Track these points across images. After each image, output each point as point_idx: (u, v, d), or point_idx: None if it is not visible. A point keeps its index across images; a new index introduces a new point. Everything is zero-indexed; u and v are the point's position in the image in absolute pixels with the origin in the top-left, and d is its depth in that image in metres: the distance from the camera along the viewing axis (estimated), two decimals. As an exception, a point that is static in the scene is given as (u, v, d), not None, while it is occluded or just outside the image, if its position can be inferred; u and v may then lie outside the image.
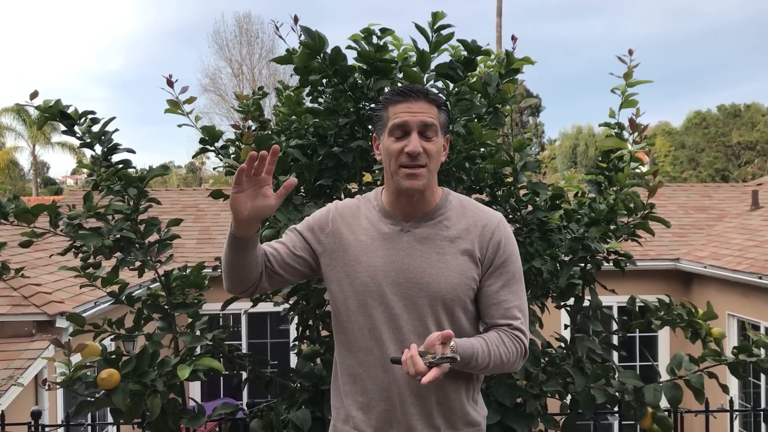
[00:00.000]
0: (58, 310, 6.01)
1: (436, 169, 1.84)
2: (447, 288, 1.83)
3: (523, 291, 1.90)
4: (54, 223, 2.48)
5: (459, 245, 1.85)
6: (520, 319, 1.86)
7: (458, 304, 1.85)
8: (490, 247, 1.85)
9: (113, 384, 2.50)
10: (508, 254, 1.87)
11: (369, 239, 1.89)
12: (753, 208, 11.02)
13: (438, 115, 1.82)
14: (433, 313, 1.84)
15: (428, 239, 1.86)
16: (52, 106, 2.72)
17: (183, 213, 11.09)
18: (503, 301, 1.86)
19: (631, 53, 3.14)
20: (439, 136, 1.82)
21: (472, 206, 1.92)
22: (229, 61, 34.37)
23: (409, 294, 1.84)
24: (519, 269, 1.90)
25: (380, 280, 1.86)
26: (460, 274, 1.84)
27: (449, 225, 1.87)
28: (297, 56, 2.60)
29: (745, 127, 39.71)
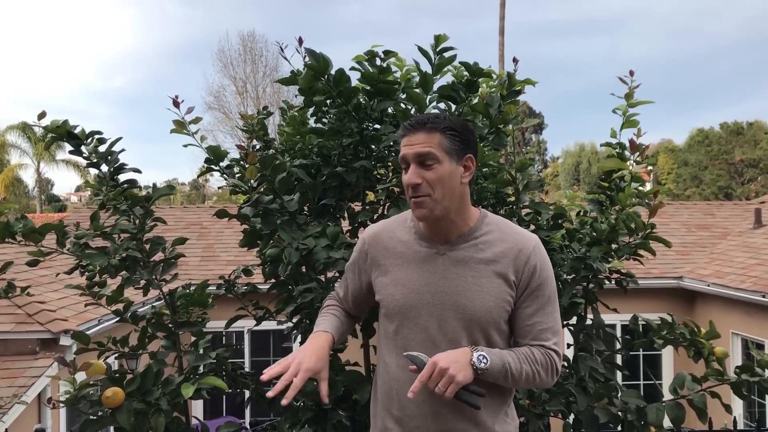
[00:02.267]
0: (62, 328, 6.02)
1: (451, 192, 1.86)
2: (482, 311, 1.87)
3: (556, 312, 1.95)
4: (61, 242, 2.50)
5: (494, 268, 1.89)
6: (552, 340, 1.91)
7: (493, 326, 1.90)
8: (525, 271, 1.89)
9: (118, 402, 2.51)
10: (544, 278, 1.91)
11: (405, 262, 1.97)
12: (756, 227, 11.02)
13: (440, 141, 1.84)
14: (468, 335, 1.89)
15: (463, 262, 1.91)
16: (60, 126, 2.75)
17: (187, 231, 11.13)
18: (536, 323, 1.91)
19: (632, 74, 3.17)
20: (444, 161, 1.85)
21: (508, 229, 1.95)
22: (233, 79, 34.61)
23: (444, 316, 1.90)
24: (553, 292, 1.94)
25: (416, 302, 1.93)
26: (495, 297, 1.88)
27: (484, 248, 1.91)
28: (301, 78, 2.63)
29: (748, 145, 39.75)
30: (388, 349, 2.02)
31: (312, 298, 2.80)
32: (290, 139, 3.06)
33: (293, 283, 3.03)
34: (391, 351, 2.00)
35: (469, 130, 1.92)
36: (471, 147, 1.91)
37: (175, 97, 2.95)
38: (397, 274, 1.97)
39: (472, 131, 1.93)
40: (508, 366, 1.83)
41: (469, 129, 1.92)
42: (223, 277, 3.37)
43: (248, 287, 3.38)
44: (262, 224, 2.56)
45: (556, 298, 1.95)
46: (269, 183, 2.52)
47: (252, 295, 3.38)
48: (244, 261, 10.22)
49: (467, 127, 1.92)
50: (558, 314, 1.96)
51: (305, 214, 2.83)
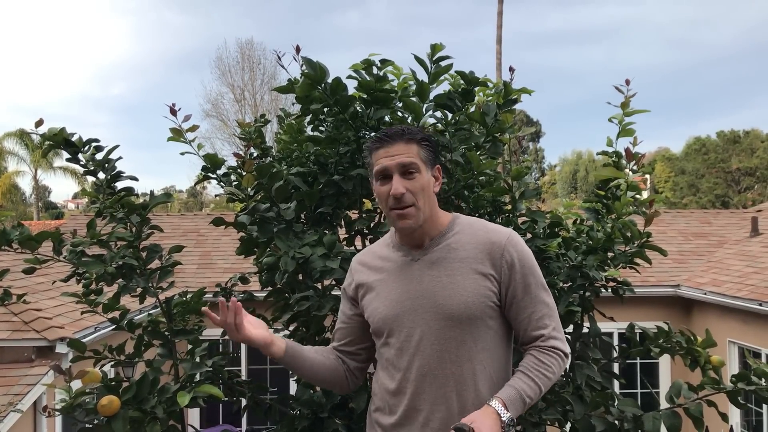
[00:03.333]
0: (58, 336, 6.01)
1: (429, 201, 1.91)
2: (461, 307, 1.86)
3: (548, 297, 1.93)
4: (57, 250, 2.50)
5: (469, 264, 1.89)
6: (550, 326, 1.90)
7: (477, 323, 1.88)
8: (503, 263, 1.88)
9: (113, 411, 2.50)
10: (524, 267, 1.90)
11: (387, 276, 1.99)
12: (753, 235, 11.04)
13: (418, 151, 1.90)
14: (454, 335, 1.88)
15: (437, 263, 1.92)
16: (57, 134, 2.75)
17: (184, 238, 11.11)
18: (531, 313, 1.89)
19: (628, 83, 3.18)
20: (423, 171, 1.90)
21: (479, 225, 1.96)
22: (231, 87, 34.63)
23: (426, 319, 1.90)
24: (538, 277, 1.93)
25: (398, 311, 1.94)
26: (473, 292, 1.87)
27: (457, 246, 1.92)
28: (298, 86, 2.64)
29: (745, 153, 39.84)
30: (379, 364, 2.03)
31: (308, 306, 2.80)
32: (287, 147, 3.06)
33: (290, 291, 3.03)
34: (381, 364, 2.01)
35: (434, 143, 1.98)
36: (439, 157, 1.99)
37: (172, 105, 2.96)
38: (380, 289, 2.00)
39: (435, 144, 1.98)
40: (527, 398, 1.82)
41: (434, 141, 1.98)
42: (220, 284, 3.37)
43: (245, 295, 3.37)
44: (258, 232, 2.56)
45: (543, 284, 1.94)
46: (266, 191, 2.53)
47: (249, 302, 3.38)
48: (241, 269, 10.22)
49: (433, 140, 1.98)
50: (551, 300, 1.94)
51: (302, 223, 2.84)
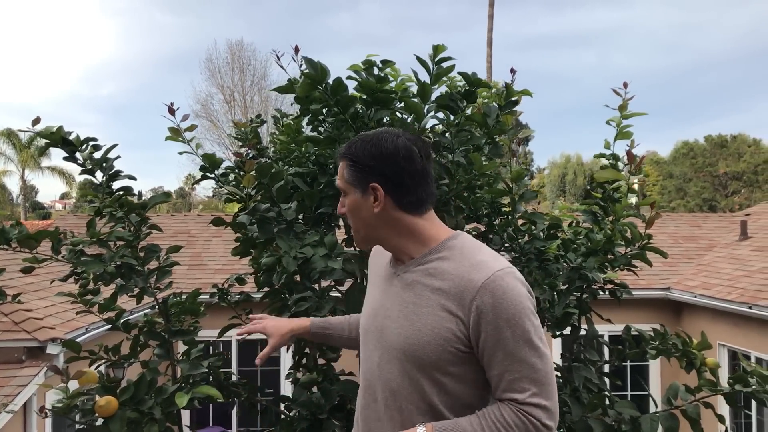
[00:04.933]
0: (49, 336, 5.97)
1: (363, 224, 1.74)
2: (417, 345, 1.63)
3: (534, 356, 1.56)
4: (56, 249, 2.48)
5: (439, 299, 1.63)
6: (530, 390, 1.55)
7: (433, 367, 1.63)
8: (472, 311, 1.57)
9: (111, 412, 2.49)
10: (499, 318, 1.55)
11: (376, 281, 1.87)
12: (742, 238, 11.12)
13: (344, 171, 1.73)
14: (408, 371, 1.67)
15: (410, 286, 1.70)
16: (54, 132, 2.73)
17: (174, 239, 11.06)
18: (505, 372, 1.57)
19: (626, 86, 3.20)
20: (349, 192, 1.73)
21: (469, 255, 1.66)
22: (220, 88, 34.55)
23: (387, 344, 1.72)
24: (524, 331, 1.56)
25: (369, 324, 1.81)
26: (433, 331, 1.61)
27: (435, 274, 1.66)
28: (299, 86, 2.63)
29: (732, 158, 40.14)
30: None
31: (307, 308, 2.79)
32: (286, 147, 3.06)
33: (287, 292, 3.02)
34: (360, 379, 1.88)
35: (377, 156, 1.69)
36: (374, 174, 1.68)
37: (171, 104, 2.94)
38: (369, 291, 1.90)
39: (384, 154, 1.68)
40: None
41: (377, 154, 1.69)
42: (216, 285, 3.36)
43: (242, 296, 3.36)
44: (258, 232, 2.55)
45: (533, 339, 1.57)
46: (267, 191, 2.52)
47: (245, 303, 3.37)
48: (232, 269, 10.19)
49: (374, 153, 1.69)
50: (543, 358, 1.57)
51: (301, 223, 2.83)
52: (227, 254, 11.13)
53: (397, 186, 1.68)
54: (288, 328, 2.13)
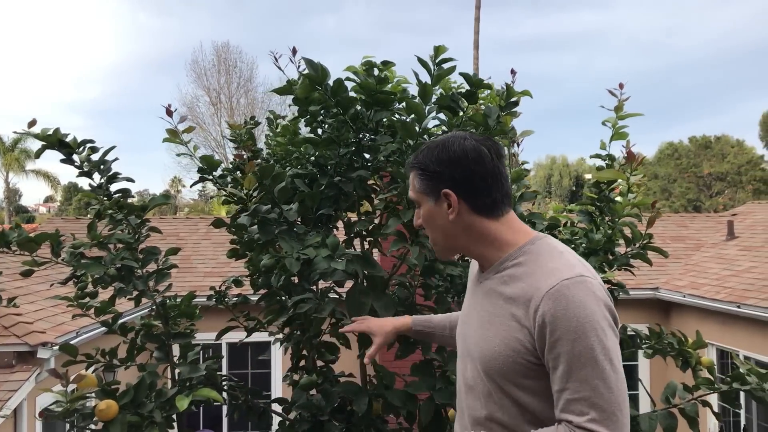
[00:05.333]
0: (39, 341, 5.91)
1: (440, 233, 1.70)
2: (489, 355, 1.60)
3: (602, 378, 1.45)
4: (56, 252, 2.46)
5: (511, 308, 1.58)
6: (588, 416, 1.44)
7: (505, 377, 1.58)
8: (536, 321, 1.50)
9: (112, 415, 2.47)
10: (562, 331, 1.47)
11: (469, 285, 1.86)
12: (729, 238, 11.21)
13: (415, 182, 1.70)
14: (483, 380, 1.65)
15: (488, 295, 1.67)
16: (51, 135, 2.71)
17: (163, 242, 11.00)
18: (563, 390, 1.48)
19: (622, 87, 3.22)
20: (423, 202, 1.70)
21: (543, 262, 1.59)
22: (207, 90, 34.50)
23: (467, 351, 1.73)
24: (587, 348, 1.45)
25: (458, 329, 1.83)
26: (503, 341, 1.57)
27: (508, 281, 1.62)
28: (299, 87, 2.63)
29: (716, 159, 40.52)
30: None
31: (307, 309, 2.78)
32: (284, 149, 3.05)
33: (285, 293, 3.01)
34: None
35: (445, 161, 1.64)
36: (445, 181, 1.64)
37: (168, 105, 2.93)
38: (465, 299, 1.87)
39: (453, 159, 1.64)
40: None
41: (445, 159, 1.65)
42: (213, 288, 3.34)
43: (239, 298, 3.35)
44: (260, 234, 2.54)
45: (598, 358, 1.45)
46: (268, 192, 2.51)
47: (242, 306, 3.36)
48: (222, 272, 10.16)
49: (442, 159, 1.65)
50: (610, 380, 1.45)
51: (300, 224, 2.82)
52: (217, 257, 11.12)
53: (469, 190, 1.63)
54: (392, 326, 2.18)
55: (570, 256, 1.61)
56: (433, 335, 2.21)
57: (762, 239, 10.57)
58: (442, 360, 2.75)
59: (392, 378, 2.78)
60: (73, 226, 9.91)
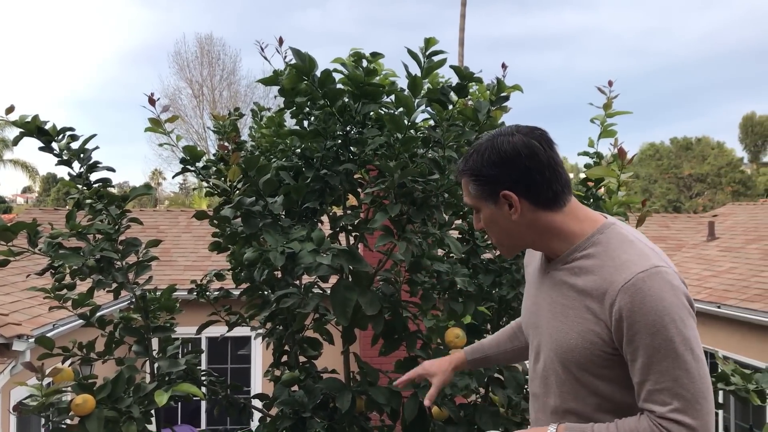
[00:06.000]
0: (15, 333, 5.80)
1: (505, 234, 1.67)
2: (566, 347, 1.60)
3: (684, 368, 1.45)
4: (33, 241, 2.39)
5: (585, 301, 1.57)
6: (671, 405, 1.45)
7: (584, 369, 1.58)
8: (613, 314, 1.50)
9: (88, 410, 2.41)
10: (640, 324, 1.46)
11: (531, 278, 1.84)
12: (710, 239, 11.29)
13: (469, 189, 1.66)
14: (561, 373, 1.65)
15: (558, 285, 1.66)
16: (30, 122, 2.64)
17: (143, 234, 10.83)
18: (646, 381, 1.48)
19: (611, 84, 3.20)
20: (482, 207, 1.66)
21: (614, 254, 1.57)
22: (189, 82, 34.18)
23: (541, 343, 1.72)
24: (666, 340, 1.45)
25: (526, 320, 1.82)
26: (579, 334, 1.57)
27: (579, 273, 1.60)
28: (285, 77, 2.57)
29: (696, 160, 40.87)
30: None
31: (291, 304, 2.73)
32: (270, 140, 2.99)
33: (268, 288, 2.96)
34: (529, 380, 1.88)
35: (498, 162, 1.60)
36: (502, 182, 1.60)
37: (151, 94, 2.86)
38: (526, 290, 1.87)
39: (505, 159, 1.59)
40: None
41: (497, 161, 1.60)
42: (195, 281, 3.28)
43: (221, 292, 3.29)
44: (243, 226, 2.49)
45: (678, 349, 1.46)
46: (252, 184, 2.45)
47: (223, 300, 3.30)
48: (202, 266, 10.06)
49: (494, 161, 1.61)
50: (692, 370, 1.46)
51: (286, 218, 2.77)
52: (197, 250, 11.02)
53: (528, 187, 1.59)
54: (450, 364, 2.11)
55: (641, 245, 1.58)
56: (488, 359, 2.17)
57: (742, 240, 10.66)
58: (427, 357, 2.72)
59: (376, 375, 2.74)
60: (51, 217, 9.76)
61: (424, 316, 2.91)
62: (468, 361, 2.14)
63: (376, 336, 2.72)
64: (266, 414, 3.03)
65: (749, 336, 8.30)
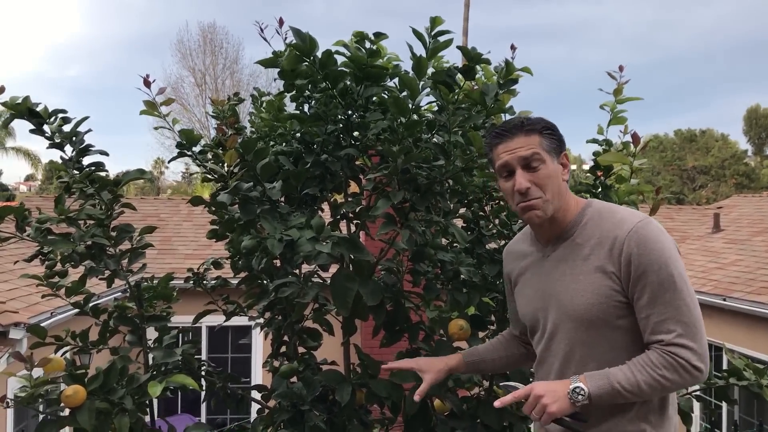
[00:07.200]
0: (11, 321, 5.74)
1: (557, 190, 1.83)
2: (583, 308, 1.78)
3: (682, 299, 1.70)
4: (21, 227, 2.30)
5: (592, 262, 1.79)
6: (675, 331, 1.68)
7: (603, 324, 1.78)
8: (622, 260, 1.73)
9: (79, 402, 2.33)
10: (646, 264, 1.70)
11: (525, 272, 2.00)
12: (715, 231, 11.19)
13: (540, 141, 1.82)
14: (580, 337, 1.81)
15: (563, 260, 1.86)
16: (20, 103, 2.54)
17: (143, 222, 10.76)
18: (651, 314, 1.70)
19: (622, 69, 3.10)
20: (548, 160, 1.82)
21: (608, 215, 1.83)
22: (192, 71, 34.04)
23: (555, 320, 1.87)
24: (668, 275, 1.69)
25: (533, 309, 1.95)
26: (594, 292, 1.77)
27: (582, 242, 1.82)
28: (285, 59, 2.48)
29: (700, 152, 40.70)
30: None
31: (289, 294, 2.65)
32: (269, 124, 2.90)
33: (266, 277, 2.87)
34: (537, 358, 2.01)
35: (555, 128, 1.88)
36: (564, 144, 1.89)
37: (146, 76, 2.77)
38: (522, 284, 2.01)
39: (556, 128, 1.88)
40: (620, 386, 1.68)
41: (553, 126, 1.88)
42: (192, 269, 3.20)
43: (218, 281, 3.21)
44: (240, 213, 2.40)
45: (676, 283, 1.69)
46: (250, 169, 2.36)
47: (221, 289, 3.21)
48: (203, 254, 9.98)
49: (556, 127, 1.88)
50: (688, 300, 1.70)
51: (285, 205, 2.68)
52: (198, 239, 10.93)
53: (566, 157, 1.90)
54: (444, 364, 2.19)
55: (623, 207, 1.87)
56: (483, 362, 2.25)
57: (748, 232, 10.56)
58: (430, 349, 2.64)
59: (377, 367, 2.66)
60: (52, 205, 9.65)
61: (427, 307, 2.83)
62: (465, 363, 2.22)
63: (377, 327, 2.64)
64: (264, 406, 2.95)
65: (755, 329, 8.21)
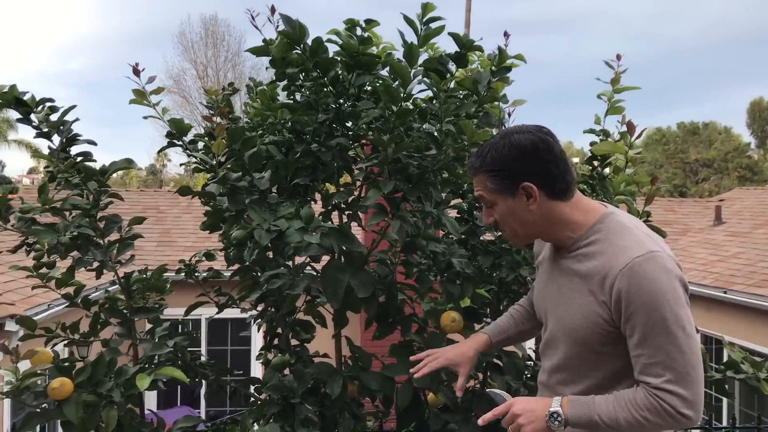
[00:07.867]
0: (7, 313, 5.72)
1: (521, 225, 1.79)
2: (571, 327, 1.78)
3: (676, 344, 1.61)
4: (3, 217, 2.26)
5: (587, 284, 1.74)
6: (664, 377, 1.61)
7: (587, 347, 1.76)
8: (613, 295, 1.66)
9: (65, 394, 2.30)
10: (637, 304, 1.62)
11: (542, 263, 1.99)
12: (716, 224, 11.14)
13: (485, 183, 1.77)
14: (570, 350, 1.81)
15: (565, 272, 1.83)
16: (7, 92, 2.50)
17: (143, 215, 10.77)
18: (641, 355, 1.65)
19: (620, 58, 3.05)
20: (498, 200, 1.77)
21: (617, 238, 1.72)
22: (193, 63, 33.94)
23: (552, 328, 1.89)
24: (660, 318, 1.61)
25: (540, 306, 1.97)
26: (583, 315, 1.74)
27: (583, 260, 1.76)
28: (275, 46, 2.43)
29: (703, 145, 40.54)
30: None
31: (280, 285, 2.61)
32: (261, 114, 2.86)
33: (259, 269, 2.84)
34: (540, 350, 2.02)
35: (518, 156, 1.72)
36: (522, 175, 1.73)
37: (135, 64, 2.72)
38: (538, 276, 2.02)
39: (525, 153, 1.72)
40: (599, 419, 1.66)
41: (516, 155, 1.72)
42: (183, 260, 3.16)
43: (210, 272, 3.17)
44: (228, 203, 2.36)
45: (671, 327, 1.61)
46: (238, 158, 2.32)
47: (214, 281, 3.18)
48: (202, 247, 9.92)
49: (513, 155, 1.73)
50: (683, 345, 1.61)
51: (275, 194, 2.64)
52: (197, 231, 10.88)
53: (545, 178, 1.73)
54: (473, 350, 2.13)
55: (638, 231, 1.74)
56: (509, 339, 2.24)
57: (749, 225, 10.50)
58: (423, 341, 2.60)
59: (369, 359, 2.63)
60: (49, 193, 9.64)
61: (422, 299, 2.79)
62: (493, 343, 2.19)
63: (370, 319, 2.61)
64: (257, 398, 2.92)
65: (756, 322, 8.17)
